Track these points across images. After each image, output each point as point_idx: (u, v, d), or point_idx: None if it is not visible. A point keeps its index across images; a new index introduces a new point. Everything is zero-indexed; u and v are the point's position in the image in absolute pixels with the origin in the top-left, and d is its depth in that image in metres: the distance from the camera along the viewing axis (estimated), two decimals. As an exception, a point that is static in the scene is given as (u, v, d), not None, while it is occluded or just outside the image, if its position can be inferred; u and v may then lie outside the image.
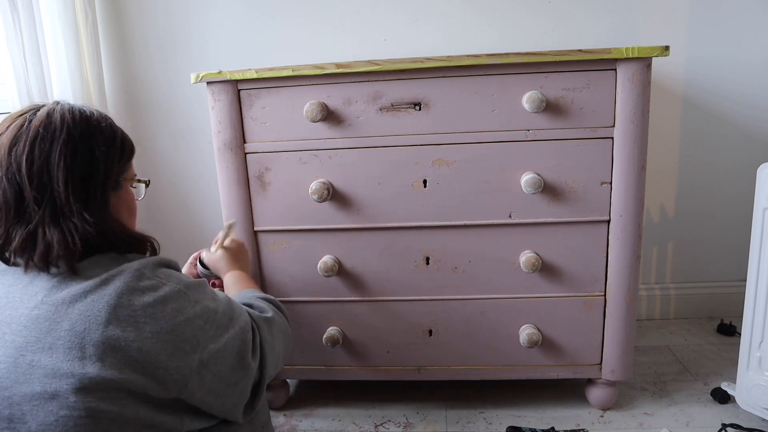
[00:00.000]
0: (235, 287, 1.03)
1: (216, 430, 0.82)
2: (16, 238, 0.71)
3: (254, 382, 0.83)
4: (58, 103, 0.77)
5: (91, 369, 0.65)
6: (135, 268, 0.71)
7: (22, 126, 0.73)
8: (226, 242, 1.13)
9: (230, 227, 1.14)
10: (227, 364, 0.76)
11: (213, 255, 1.11)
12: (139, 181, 0.86)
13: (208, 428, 0.80)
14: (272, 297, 0.99)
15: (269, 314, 0.91)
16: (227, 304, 0.81)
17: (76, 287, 0.68)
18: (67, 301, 0.67)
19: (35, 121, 0.73)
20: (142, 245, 0.81)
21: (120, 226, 0.78)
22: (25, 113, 0.75)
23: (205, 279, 0.80)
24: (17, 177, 0.71)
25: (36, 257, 0.70)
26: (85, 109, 0.78)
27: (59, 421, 0.64)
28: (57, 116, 0.74)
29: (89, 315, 0.66)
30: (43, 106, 0.77)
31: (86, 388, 0.64)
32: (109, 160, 0.76)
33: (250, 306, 0.92)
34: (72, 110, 0.76)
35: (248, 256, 1.17)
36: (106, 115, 0.80)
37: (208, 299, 0.77)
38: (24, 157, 0.70)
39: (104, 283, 0.69)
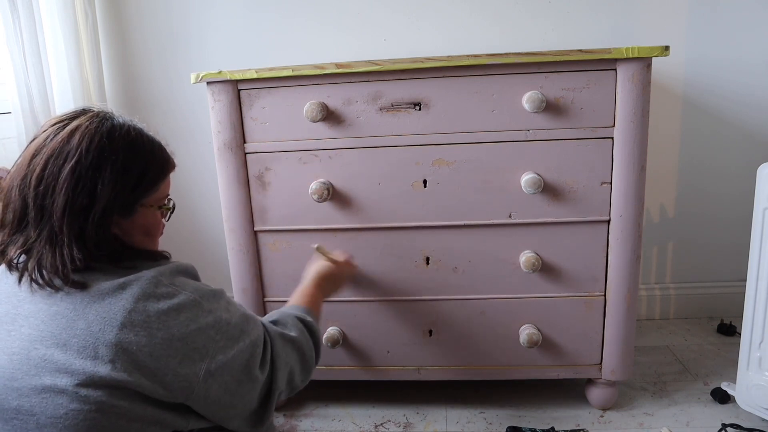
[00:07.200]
0: (294, 298, 1.06)
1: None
2: (13, 250, 0.73)
3: (263, 394, 0.83)
4: (97, 115, 0.76)
5: (102, 369, 0.66)
6: (152, 275, 0.72)
7: (48, 137, 0.74)
8: (336, 256, 1.19)
9: (318, 249, 1.18)
10: (234, 376, 0.76)
11: (317, 260, 1.17)
12: (160, 207, 0.84)
13: (213, 429, 0.81)
14: (313, 322, 0.97)
15: (292, 333, 0.91)
16: (241, 316, 0.81)
17: (95, 289, 0.70)
18: (85, 302, 0.69)
19: (59, 136, 0.73)
20: (153, 259, 0.80)
21: (124, 250, 0.77)
22: (63, 120, 0.76)
23: (222, 289, 0.81)
24: (27, 190, 0.72)
25: (30, 272, 0.71)
26: (115, 131, 0.75)
27: (68, 414, 0.66)
28: (76, 138, 0.73)
29: (105, 317, 0.68)
30: (85, 114, 0.77)
31: (96, 384, 0.66)
32: (115, 193, 0.74)
33: (276, 321, 0.93)
34: (97, 133, 0.74)
35: (340, 282, 1.18)
36: (134, 140, 0.77)
37: (221, 310, 0.77)
38: (35, 174, 0.72)
39: (122, 287, 0.70)
